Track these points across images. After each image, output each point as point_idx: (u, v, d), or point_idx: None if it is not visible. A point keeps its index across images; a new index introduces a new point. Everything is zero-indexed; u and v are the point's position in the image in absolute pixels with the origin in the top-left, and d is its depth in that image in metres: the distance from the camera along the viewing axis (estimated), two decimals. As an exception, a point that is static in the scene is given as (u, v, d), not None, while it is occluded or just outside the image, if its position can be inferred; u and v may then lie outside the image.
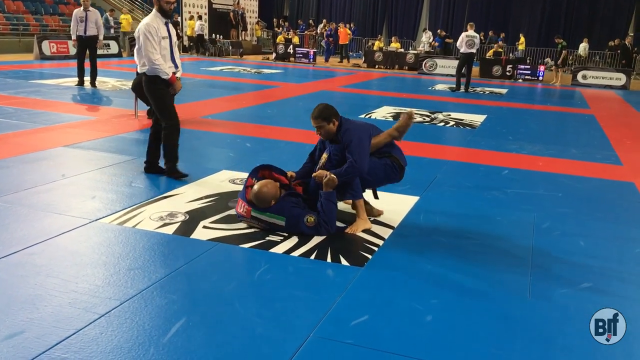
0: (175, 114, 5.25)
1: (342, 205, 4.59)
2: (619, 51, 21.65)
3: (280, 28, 26.76)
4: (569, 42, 21.87)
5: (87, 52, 11.27)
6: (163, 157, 5.30)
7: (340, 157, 4.13)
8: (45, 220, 4.02)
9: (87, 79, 11.39)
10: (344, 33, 22.34)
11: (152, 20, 4.97)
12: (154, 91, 5.11)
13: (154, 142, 5.36)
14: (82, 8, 10.96)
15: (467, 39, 13.77)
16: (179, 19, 24.09)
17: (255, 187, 4.04)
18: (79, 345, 2.54)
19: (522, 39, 23.34)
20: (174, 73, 5.15)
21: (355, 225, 4.18)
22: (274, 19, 29.28)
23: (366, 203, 4.42)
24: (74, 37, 11.11)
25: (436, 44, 23.47)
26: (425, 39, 23.67)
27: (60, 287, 3.06)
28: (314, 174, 4.16)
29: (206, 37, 23.13)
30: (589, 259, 3.91)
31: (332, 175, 3.99)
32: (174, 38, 5.19)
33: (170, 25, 5.16)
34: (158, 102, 5.15)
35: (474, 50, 13.90)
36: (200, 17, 23.32)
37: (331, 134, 4.17)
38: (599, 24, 26.18)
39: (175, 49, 5.22)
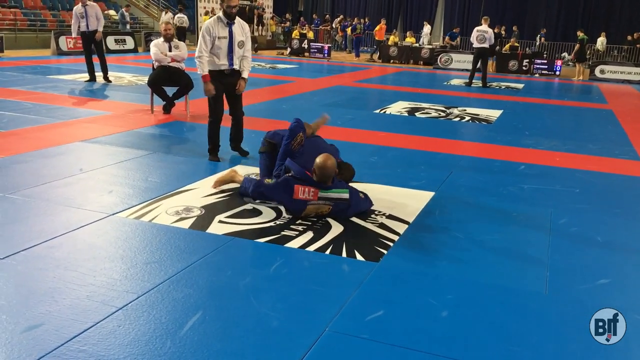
0: (215, 111, 5.74)
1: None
2: (638, 45, 21.33)
3: (288, 22, 26.73)
4: (587, 37, 21.53)
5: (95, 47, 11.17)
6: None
7: None
8: (63, 214, 4.07)
9: (99, 74, 11.43)
10: (384, 29, 22.34)
11: (211, 22, 5.49)
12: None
13: (232, 128, 6.01)
14: (80, 4, 10.81)
15: (478, 34, 13.74)
16: (193, 14, 24.13)
17: (319, 160, 4.16)
18: (97, 338, 2.57)
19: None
20: (225, 71, 5.55)
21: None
22: (287, 14, 29.27)
23: None
24: (74, 34, 11.05)
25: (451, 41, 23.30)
26: (426, 31, 23.57)
27: (78, 280, 3.10)
28: None
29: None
30: (607, 255, 3.87)
31: None
32: (239, 37, 5.53)
33: (237, 26, 5.53)
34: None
35: (485, 45, 13.76)
36: (181, 10, 22.90)
37: None
38: (617, 18, 25.83)
39: (235, 49, 5.53)
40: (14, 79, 11.15)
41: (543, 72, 18.35)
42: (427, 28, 23.95)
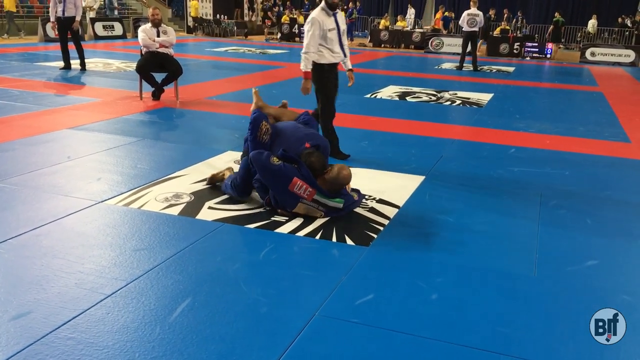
0: (331, 110, 5.72)
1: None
2: (632, 29, 21.32)
3: (278, 7, 26.47)
4: (577, 19, 21.51)
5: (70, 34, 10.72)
6: None
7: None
8: (51, 202, 4.04)
9: (75, 61, 11.06)
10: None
11: (317, 15, 5.29)
12: (314, 77, 5.45)
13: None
14: None
15: (468, 18, 13.56)
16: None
17: (337, 170, 3.91)
18: (86, 325, 2.56)
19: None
20: (339, 62, 5.56)
21: None
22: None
23: None
24: (52, 19, 10.66)
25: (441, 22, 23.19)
26: (409, 15, 23.49)
27: (66, 268, 3.08)
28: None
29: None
30: (595, 237, 3.89)
31: None
32: (343, 26, 5.47)
33: (339, 15, 5.46)
34: (316, 88, 5.55)
35: (475, 29, 13.64)
36: None
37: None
38: (608, 0, 25.75)
39: (343, 38, 5.47)
40: (1, 66, 11.02)
41: (534, 55, 18.34)
42: (410, 11, 23.87)
